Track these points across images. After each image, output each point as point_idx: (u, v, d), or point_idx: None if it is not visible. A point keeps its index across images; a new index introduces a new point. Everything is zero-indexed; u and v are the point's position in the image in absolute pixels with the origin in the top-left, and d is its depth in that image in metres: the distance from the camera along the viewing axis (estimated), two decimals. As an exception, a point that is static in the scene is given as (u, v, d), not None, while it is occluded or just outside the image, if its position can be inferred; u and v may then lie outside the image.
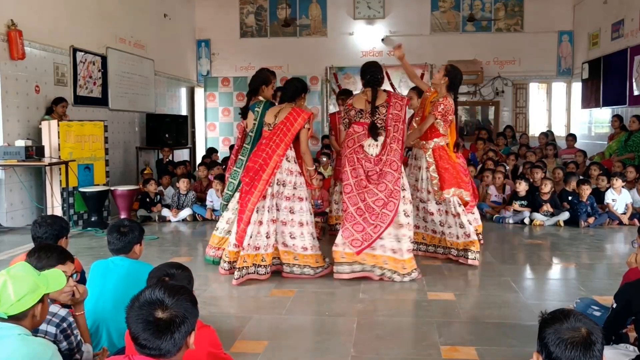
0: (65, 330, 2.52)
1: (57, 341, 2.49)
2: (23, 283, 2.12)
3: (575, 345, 1.71)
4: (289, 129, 4.71)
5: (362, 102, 4.89)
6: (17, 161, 6.32)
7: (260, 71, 5.35)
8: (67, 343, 2.54)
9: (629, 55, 9.26)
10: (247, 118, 5.29)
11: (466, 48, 11.77)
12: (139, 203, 7.75)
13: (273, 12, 12.30)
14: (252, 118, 5.18)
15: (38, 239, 3.27)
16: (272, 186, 4.71)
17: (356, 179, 4.68)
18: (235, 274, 4.62)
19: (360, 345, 3.39)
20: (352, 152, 4.78)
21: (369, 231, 4.58)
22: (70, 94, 7.89)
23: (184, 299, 1.87)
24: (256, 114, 5.13)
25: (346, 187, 4.72)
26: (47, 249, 2.73)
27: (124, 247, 3.17)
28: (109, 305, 2.96)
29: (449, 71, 5.30)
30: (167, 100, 11.24)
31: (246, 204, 4.67)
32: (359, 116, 4.86)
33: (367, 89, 4.92)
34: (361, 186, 4.65)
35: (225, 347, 2.94)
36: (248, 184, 4.69)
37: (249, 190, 4.68)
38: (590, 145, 10.54)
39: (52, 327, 2.50)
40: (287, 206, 4.76)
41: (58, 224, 3.35)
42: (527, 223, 7.31)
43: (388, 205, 4.58)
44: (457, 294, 4.37)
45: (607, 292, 4.00)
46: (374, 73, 4.90)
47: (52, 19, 7.55)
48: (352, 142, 4.83)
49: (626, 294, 2.77)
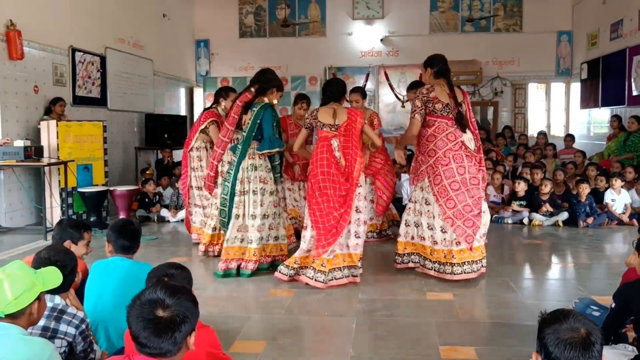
0: (83, 332, 2.59)
1: (75, 342, 2.55)
2: (19, 281, 2.13)
3: (574, 345, 1.71)
4: (356, 128, 4.69)
5: (445, 95, 4.74)
6: (16, 161, 6.31)
7: (274, 74, 5.18)
8: (84, 344, 2.61)
9: (627, 55, 9.26)
10: (246, 114, 5.05)
11: (465, 48, 11.77)
12: (138, 203, 7.75)
13: (272, 12, 12.30)
14: (248, 116, 4.97)
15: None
16: None
17: (462, 176, 4.66)
18: (322, 278, 4.49)
19: (359, 345, 3.39)
20: (457, 147, 4.68)
21: (478, 224, 4.68)
22: (69, 94, 7.89)
23: (185, 298, 1.87)
24: (252, 113, 4.93)
25: (453, 184, 4.65)
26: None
27: (132, 247, 3.18)
28: (108, 305, 2.96)
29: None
30: (166, 101, 11.23)
31: (331, 210, 4.51)
32: (445, 110, 4.71)
33: (440, 80, 4.79)
34: (470, 183, 4.68)
35: (225, 347, 2.94)
36: (329, 188, 4.54)
37: (334, 194, 4.53)
38: (589, 145, 10.54)
39: (72, 328, 2.56)
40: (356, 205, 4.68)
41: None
42: (526, 223, 7.32)
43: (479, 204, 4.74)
44: (456, 294, 4.37)
45: (606, 292, 4.00)
46: (445, 63, 4.81)
47: (51, 19, 7.55)
48: (452, 137, 4.69)
49: (625, 294, 2.77)
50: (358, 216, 4.67)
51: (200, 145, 6.10)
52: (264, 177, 4.91)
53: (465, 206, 4.63)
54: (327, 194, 4.54)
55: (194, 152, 6.11)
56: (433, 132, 4.73)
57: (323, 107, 4.88)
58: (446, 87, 4.77)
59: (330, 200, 4.53)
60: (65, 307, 2.60)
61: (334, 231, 4.50)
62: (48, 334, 2.50)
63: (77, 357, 2.60)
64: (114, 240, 3.15)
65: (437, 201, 4.69)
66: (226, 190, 5.02)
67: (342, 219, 4.52)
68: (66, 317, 2.56)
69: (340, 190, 4.56)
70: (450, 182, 4.64)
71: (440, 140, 4.69)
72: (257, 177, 4.89)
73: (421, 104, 4.75)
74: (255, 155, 4.91)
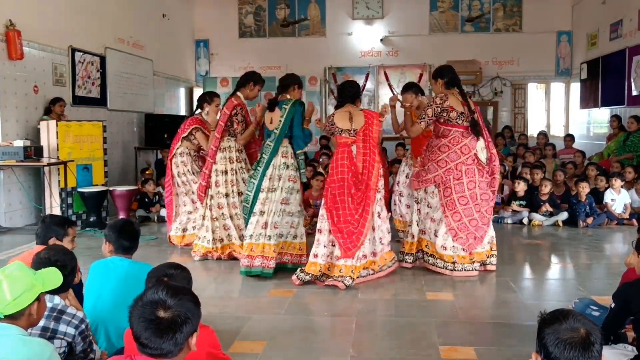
0: (83, 332, 2.58)
1: (74, 342, 2.55)
2: (18, 282, 2.12)
3: (574, 345, 1.71)
4: (373, 132, 4.67)
5: (459, 104, 4.80)
6: (16, 161, 6.31)
7: (294, 74, 5.30)
8: (84, 344, 2.61)
9: (627, 55, 9.26)
10: (273, 111, 5.04)
11: (465, 48, 11.77)
12: (138, 203, 7.75)
13: (272, 12, 12.30)
14: (278, 115, 4.96)
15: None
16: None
17: (472, 191, 4.76)
18: (349, 282, 4.48)
19: (359, 345, 3.39)
20: (470, 161, 4.76)
21: (480, 236, 4.83)
22: (69, 94, 7.89)
23: (186, 299, 1.87)
24: (283, 110, 4.93)
25: (462, 199, 4.75)
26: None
27: (132, 247, 3.18)
28: (108, 306, 2.96)
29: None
30: (166, 101, 11.23)
31: (349, 215, 4.52)
32: (460, 119, 4.77)
33: (452, 89, 4.88)
34: (481, 198, 4.83)
35: (224, 348, 2.94)
36: (345, 194, 4.56)
37: (351, 201, 4.55)
38: (589, 145, 10.54)
39: (72, 328, 2.56)
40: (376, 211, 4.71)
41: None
42: (525, 223, 7.32)
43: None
44: (456, 294, 4.37)
45: (605, 292, 4.00)
46: (454, 72, 4.91)
47: (51, 19, 7.54)
48: (466, 150, 4.76)
49: (625, 294, 2.77)
50: (379, 222, 4.70)
51: (183, 151, 6.10)
52: (294, 175, 4.94)
53: (471, 220, 4.75)
54: (344, 200, 4.55)
55: (177, 157, 6.09)
56: (447, 143, 4.79)
57: (338, 110, 4.83)
58: (459, 95, 4.83)
59: (346, 207, 4.54)
60: (65, 307, 2.60)
61: (354, 237, 4.50)
62: (48, 334, 2.50)
63: (77, 357, 2.59)
64: (115, 240, 3.14)
65: (443, 212, 4.79)
66: (251, 187, 5.01)
67: (360, 225, 4.52)
68: (66, 317, 2.55)
69: (357, 197, 4.56)
70: (459, 197, 4.74)
71: (453, 152, 4.75)
72: (288, 176, 4.91)
73: (432, 114, 4.80)
74: (288, 153, 4.93)
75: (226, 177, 5.49)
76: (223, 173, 5.49)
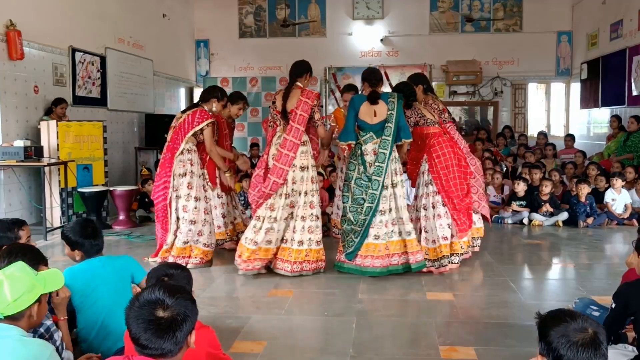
0: (42, 335, 2.43)
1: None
2: (19, 283, 2.12)
3: (586, 346, 1.73)
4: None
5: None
6: (16, 161, 6.31)
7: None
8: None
9: (627, 55, 9.26)
10: (375, 104, 4.82)
11: (465, 48, 11.77)
12: (138, 203, 7.75)
13: (272, 12, 12.30)
14: (384, 108, 4.79)
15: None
16: None
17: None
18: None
19: (359, 345, 3.39)
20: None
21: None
22: (69, 94, 7.88)
23: (183, 297, 1.87)
24: (392, 104, 4.80)
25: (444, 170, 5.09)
26: (20, 250, 2.65)
27: (102, 246, 3.13)
28: (107, 306, 2.94)
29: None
30: (166, 101, 11.23)
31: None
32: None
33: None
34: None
35: (225, 348, 2.94)
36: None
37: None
38: (589, 145, 10.55)
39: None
40: None
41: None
42: (525, 223, 7.32)
43: None
44: (456, 294, 4.38)
45: (606, 292, 4.00)
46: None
47: (51, 19, 7.54)
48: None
49: (625, 294, 2.77)
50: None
51: (190, 148, 5.33)
52: (401, 169, 4.96)
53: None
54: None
55: (184, 155, 5.27)
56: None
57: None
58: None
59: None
60: None
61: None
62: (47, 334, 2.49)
63: None
64: (86, 244, 3.01)
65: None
66: (376, 186, 4.76)
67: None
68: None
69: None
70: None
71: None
72: (396, 169, 4.87)
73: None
74: (394, 148, 4.85)
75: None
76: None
